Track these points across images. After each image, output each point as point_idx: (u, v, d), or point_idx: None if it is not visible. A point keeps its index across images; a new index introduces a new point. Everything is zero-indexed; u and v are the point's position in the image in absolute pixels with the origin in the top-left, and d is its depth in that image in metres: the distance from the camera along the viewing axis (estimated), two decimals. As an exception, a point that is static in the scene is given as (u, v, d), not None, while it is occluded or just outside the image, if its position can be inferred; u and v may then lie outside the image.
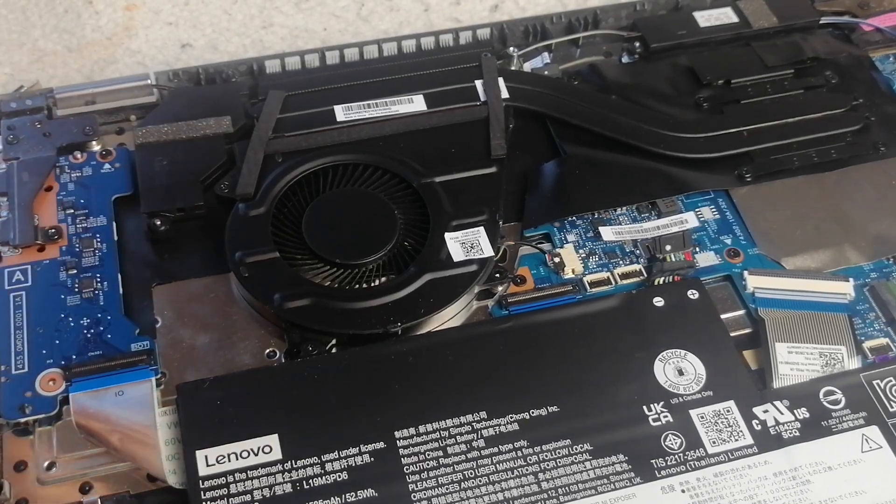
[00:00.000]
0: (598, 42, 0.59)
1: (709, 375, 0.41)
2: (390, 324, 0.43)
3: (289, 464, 0.38)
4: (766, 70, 0.55)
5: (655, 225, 0.48)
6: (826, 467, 0.39)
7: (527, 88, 0.53)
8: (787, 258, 0.47)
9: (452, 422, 0.40)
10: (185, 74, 0.55)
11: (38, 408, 0.40)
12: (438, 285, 0.44)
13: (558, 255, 0.47)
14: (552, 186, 0.50)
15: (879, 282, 0.46)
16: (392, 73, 0.54)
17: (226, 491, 0.37)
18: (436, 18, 0.66)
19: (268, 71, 0.55)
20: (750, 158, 0.51)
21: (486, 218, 0.46)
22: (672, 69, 0.56)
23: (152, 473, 0.39)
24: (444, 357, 0.42)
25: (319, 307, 0.43)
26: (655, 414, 0.40)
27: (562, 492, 0.38)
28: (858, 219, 0.49)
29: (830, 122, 0.52)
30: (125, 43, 0.65)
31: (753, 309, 0.45)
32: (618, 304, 0.44)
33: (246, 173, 0.47)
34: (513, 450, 0.39)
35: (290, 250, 0.45)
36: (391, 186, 0.48)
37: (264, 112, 0.50)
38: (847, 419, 0.40)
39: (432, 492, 0.38)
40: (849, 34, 0.58)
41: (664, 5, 0.60)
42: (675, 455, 0.39)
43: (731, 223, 0.49)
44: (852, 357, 0.43)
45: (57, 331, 0.43)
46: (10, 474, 0.39)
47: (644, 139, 0.51)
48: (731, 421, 0.40)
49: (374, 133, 0.50)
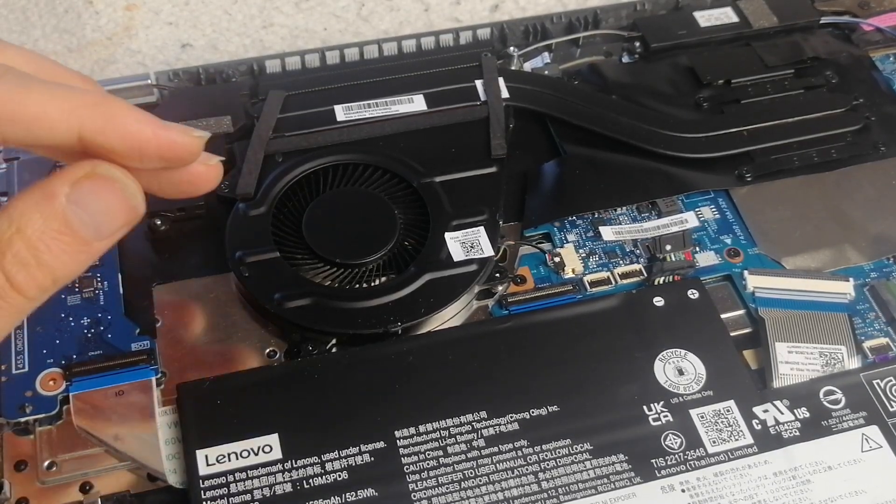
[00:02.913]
0: (599, 42, 0.59)
1: (709, 375, 0.42)
2: (390, 323, 0.43)
3: (289, 463, 0.38)
4: (766, 70, 0.55)
5: (655, 225, 0.48)
6: (826, 467, 0.39)
7: (527, 88, 0.53)
8: (787, 258, 0.47)
9: (452, 421, 0.40)
10: (185, 74, 0.55)
11: (38, 407, 0.40)
12: (438, 285, 0.44)
13: (558, 254, 0.47)
14: (552, 186, 0.50)
15: (879, 281, 0.46)
16: (392, 73, 0.54)
17: (226, 490, 0.37)
18: (436, 18, 0.66)
19: (268, 71, 0.55)
20: (750, 158, 0.51)
21: (486, 218, 0.46)
22: (672, 69, 0.56)
23: (153, 473, 0.39)
24: (445, 357, 0.42)
25: (320, 307, 0.43)
26: (655, 413, 0.40)
27: (562, 491, 0.38)
28: (859, 218, 0.49)
29: (831, 121, 0.52)
30: (125, 43, 0.65)
31: (753, 308, 0.45)
32: (618, 304, 0.44)
33: (246, 173, 0.47)
34: (513, 449, 0.39)
35: (291, 250, 0.45)
36: (391, 186, 0.48)
37: (264, 112, 0.50)
38: (847, 419, 0.41)
39: (432, 491, 0.38)
40: (849, 34, 0.58)
41: (664, 5, 0.60)
42: (675, 455, 0.39)
43: (732, 223, 0.49)
44: (852, 357, 0.43)
45: (57, 330, 0.43)
46: (10, 474, 0.39)
47: (644, 139, 0.51)
48: (732, 420, 0.40)
49: (374, 133, 0.50)
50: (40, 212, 0.30)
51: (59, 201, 0.30)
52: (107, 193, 0.31)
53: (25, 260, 0.30)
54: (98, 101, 0.31)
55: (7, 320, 0.31)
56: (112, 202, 0.32)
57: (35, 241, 0.30)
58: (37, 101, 0.30)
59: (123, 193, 0.32)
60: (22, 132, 0.30)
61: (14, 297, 0.30)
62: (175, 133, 0.32)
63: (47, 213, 0.30)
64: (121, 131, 0.31)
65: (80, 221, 0.31)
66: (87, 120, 0.30)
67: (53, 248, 0.30)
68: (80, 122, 0.30)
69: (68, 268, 0.31)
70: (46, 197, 0.30)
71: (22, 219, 0.30)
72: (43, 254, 0.30)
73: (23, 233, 0.30)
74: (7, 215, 0.30)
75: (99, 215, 0.31)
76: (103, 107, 0.31)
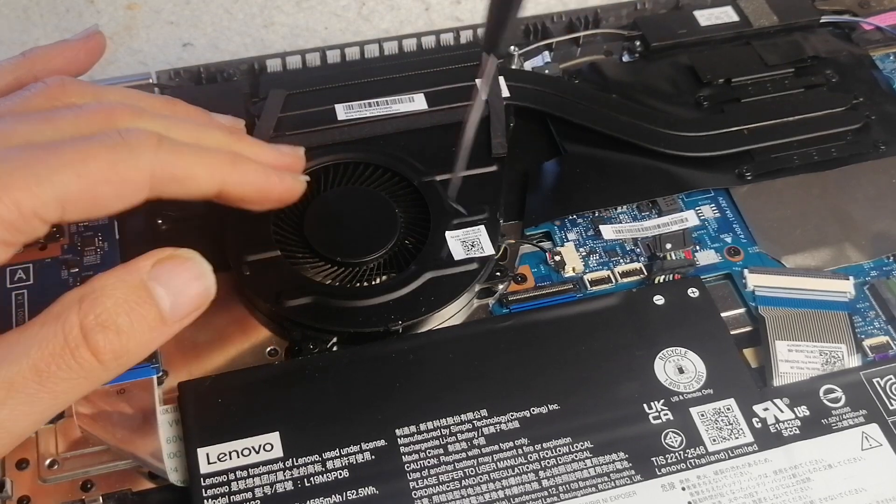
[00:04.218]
0: (599, 41, 0.59)
1: (709, 373, 0.42)
2: (391, 322, 0.43)
3: (290, 461, 0.38)
4: (766, 69, 0.55)
5: (656, 223, 0.48)
6: (826, 465, 0.39)
7: (527, 87, 0.53)
8: (787, 256, 0.47)
9: (453, 420, 0.40)
10: (186, 73, 0.55)
11: (39, 406, 0.40)
12: (439, 283, 0.44)
13: (559, 253, 0.47)
14: (553, 185, 0.50)
15: (880, 280, 0.46)
16: (393, 72, 0.54)
17: (227, 489, 0.38)
18: (437, 17, 0.67)
19: (269, 70, 0.55)
20: (750, 157, 0.51)
21: (486, 216, 0.47)
22: (672, 68, 0.56)
23: (154, 471, 0.39)
24: (445, 355, 0.42)
25: (320, 305, 0.43)
26: (656, 412, 0.40)
27: (562, 489, 0.38)
28: (859, 217, 0.49)
29: (831, 120, 0.52)
30: (126, 42, 0.65)
31: (753, 307, 0.45)
32: (618, 303, 0.44)
33: (247, 172, 0.47)
34: (513, 448, 0.39)
35: (292, 249, 0.45)
36: (392, 185, 0.48)
37: (265, 111, 0.50)
38: (847, 417, 0.41)
39: (433, 489, 0.38)
40: (849, 33, 0.58)
41: (664, 4, 0.60)
42: (676, 453, 0.39)
43: (732, 221, 0.49)
44: (852, 355, 0.43)
45: (59, 329, 0.43)
46: (11, 472, 0.39)
47: (644, 138, 0.51)
48: (732, 419, 0.40)
49: (374, 132, 0.50)
50: (123, 282, 0.32)
51: (141, 275, 0.33)
52: (185, 272, 0.34)
53: (105, 323, 0.31)
54: (234, 160, 0.37)
55: (75, 384, 0.32)
56: (189, 281, 0.34)
57: (116, 307, 0.32)
58: (187, 164, 0.35)
59: (201, 276, 0.34)
60: (175, 188, 0.35)
61: (88, 359, 0.31)
62: (290, 181, 0.40)
63: (129, 283, 0.32)
64: (254, 185, 0.38)
65: (158, 295, 0.33)
66: (228, 177, 0.37)
67: (132, 316, 0.32)
68: (222, 179, 0.37)
69: (143, 338, 0.33)
70: (129, 271, 0.33)
71: (105, 289, 0.32)
72: (122, 319, 0.32)
73: (104, 300, 0.32)
74: (91, 286, 0.32)
75: (176, 291, 0.33)
76: (239, 164, 0.38)
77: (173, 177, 0.35)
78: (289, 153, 0.42)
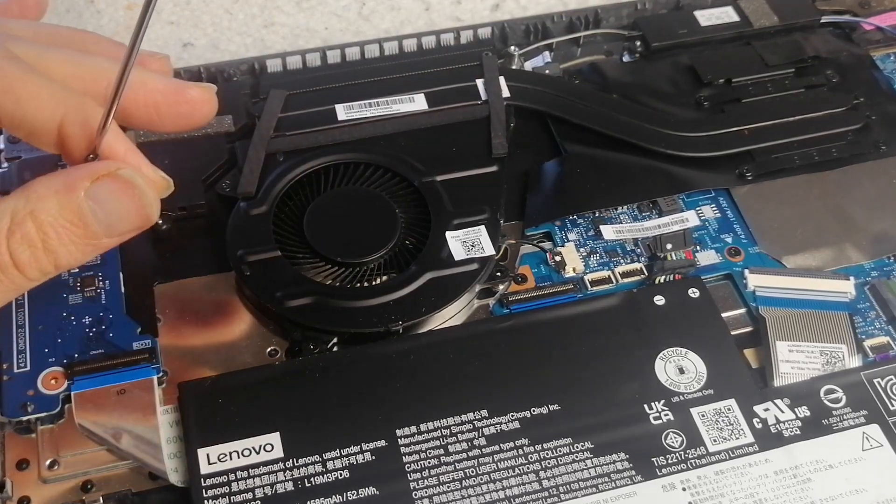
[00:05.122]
0: (599, 41, 0.59)
1: (709, 374, 0.42)
2: (391, 322, 0.43)
3: (290, 462, 0.38)
4: (766, 69, 0.55)
5: (656, 224, 0.48)
6: (827, 465, 0.39)
7: (528, 87, 0.53)
8: (787, 257, 0.47)
9: (453, 420, 0.40)
10: (186, 73, 0.55)
11: (40, 406, 0.40)
12: (440, 284, 0.44)
13: (559, 253, 0.47)
14: (553, 185, 0.50)
15: (880, 280, 0.46)
16: (393, 72, 0.54)
17: (227, 489, 0.37)
18: (437, 17, 0.66)
19: (269, 70, 0.55)
20: (751, 157, 0.51)
21: (487, 217, 0.46)
22: (673, 68, 0.56)
23: (154, 471, 0.39)
24: (446, 355, 0.42)
25: (321, 306, 0.43)
26: (656, 412, 0.40)
27: (563, 490, 0.38)
28: (859, 217, 0.49)
29: (831, 120, 0.52)
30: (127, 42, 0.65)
31: (754, 307, 0.45)
32: (618, 303, 0.44)
33: (247, 172, 0.47)
34: (514, 448, 0.39)
35: (292, 249, 0.45)
36: (392, 185, 0.48)
37: (266, 111, 0.50)
38: (848, 417, 0.41)
39: (433, 490, 0.38)
40: (849, 33, 0.58)
41: (665, 4, 0.60)
42: (676, 453, 0.39)
43: (732, 222, 0.49)
44: (853, 355, 0.43)
45: (59, 329, 0.43)
46: (12, 472, 0.39)
47: (645, 138, 0.51)
48: (732, 419, 0.40)
49: (375, 132, 0.50)
50: (58, 200, 0.32)
51: (77, 194, 0.32)
52: (124, 195, 0.33)
53: (33, 242, 0.31)
54: (86, 105, 0.33)
55: (4, 295, 0.32)
56: (128, 205, 0.33)
57: (46, 227, 0.31)
58: (32, 82, 0.32)
59: (141, 199, 0.33)
60: (11, 107, 0.32)
61: (14, 275, 0.32)
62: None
63: (64, 202, 0.32)
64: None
65: (93, 217, 0.32)
66: (67, 117, 0.33)
67: (63, 237, 0.32)
68: (64, 115, 0.33)
69: (73, 256, 0.33)
70: (67, 187, 0.32)
71: (39, 202, 0.31)
72: (52, 240, 0.32)
73: (36, 216, 0.31)
74: (25, 195, 0.32)
75: (113, 215, 0.33)
76: (87, 110, 0.33)
77: (10, 89, 0.32)
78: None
